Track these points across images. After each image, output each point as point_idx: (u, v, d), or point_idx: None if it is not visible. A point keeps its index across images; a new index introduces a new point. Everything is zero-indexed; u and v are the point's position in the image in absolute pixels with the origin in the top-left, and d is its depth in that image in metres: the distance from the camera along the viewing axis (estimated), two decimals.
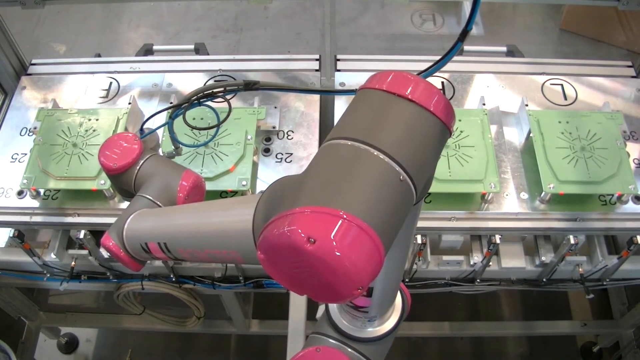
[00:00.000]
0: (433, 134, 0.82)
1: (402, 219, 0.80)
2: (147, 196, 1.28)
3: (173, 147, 1.47)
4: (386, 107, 0.81)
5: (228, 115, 1.36)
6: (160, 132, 1.47)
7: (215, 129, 1.51)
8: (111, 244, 1.24)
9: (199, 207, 1.16)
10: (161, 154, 1.46)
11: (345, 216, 0.70)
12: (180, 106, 1.28)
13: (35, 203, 1.81)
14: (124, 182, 1.35)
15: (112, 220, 1.78)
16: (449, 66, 2.14)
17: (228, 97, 1.31)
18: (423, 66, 2.09)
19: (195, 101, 1.26)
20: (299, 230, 0.70)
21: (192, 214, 1.13)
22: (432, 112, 0.80)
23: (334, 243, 0.68)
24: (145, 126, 1.38)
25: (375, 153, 0.76)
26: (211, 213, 1.07)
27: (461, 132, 1.81)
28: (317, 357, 1.13)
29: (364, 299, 1.05)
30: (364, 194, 0.74)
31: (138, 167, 1.32)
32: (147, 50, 2.39)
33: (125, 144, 1.34)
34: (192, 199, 1.32)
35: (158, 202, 1.26)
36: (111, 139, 1.36)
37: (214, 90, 1.25)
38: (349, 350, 1.16)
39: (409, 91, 0.80)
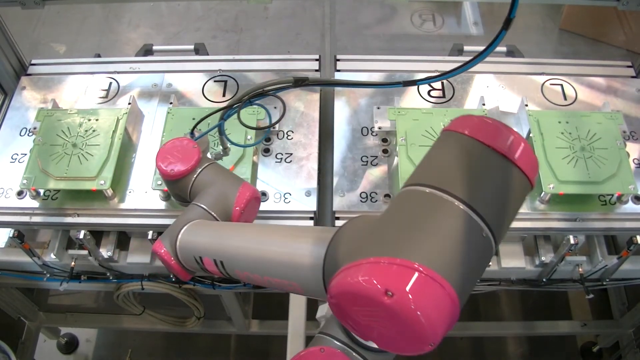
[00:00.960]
0: (517, 188, 0.80)
1: (481, 272, 0.78)
2: (203, 206, 1.27)
3: (221, 147, 1.46)
4: (471, 156, 0.78)
5: (284, 113, 1.40)
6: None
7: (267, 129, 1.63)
8: (163, 251, 1.24)
9: (263, 231, 1.13)
10: (209, 155, 1.46)
11: (422, 269, 0.68)
12: (233, 107, 1.29)
13: (35, 203, 1.81)
14: (180, 189, 1.35)
15: (112, 220, 1.80)
16: (448, 66, 2.13)
17: (279, 94, 1.31)
18: (422, 66, 2.10)
19: (247, 100, 1.27)
20: (375, 281, 0.69)
21: (256, 237, 1.10)
22: (518, 166, 0.78)
23: (410, 297, 0.67)
24: (196, 129, 1.39)
25: (457, 204, 0.73)
26: (278, 240, 1.04)
27: None
28: (320, 358, 1.12)
29: None
30: (444, 248, 0.71)
31: (195, 175, 1.32)
32: (147, 51, 2.39)
33: (184, 150, 1.34)
34: (247, 212, 1.31)
35: (213, 213, 1.25)
36: (170, 143, 1.36)
37: (265, 89, 1.26)
38: (354, 354, 1.15)
39: (497, 141, 0.78)
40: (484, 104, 1.91)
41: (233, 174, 1.36)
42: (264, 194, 1.80)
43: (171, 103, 1.94)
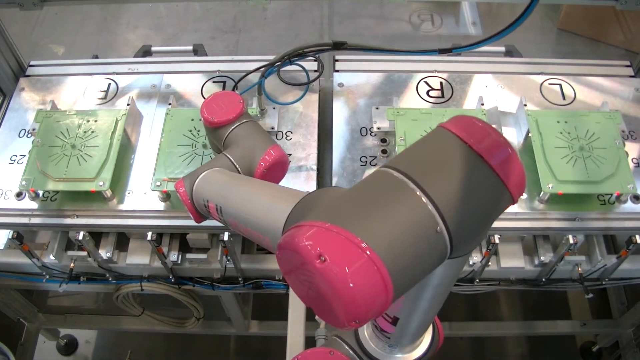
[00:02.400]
0: (492, 196, 0.77)
1: (426, 270, 0.76)
2: (230, 157, 1.33)
3: (258, 109, 1.51)
4: (448, 151, 0.77)
5: (320, 74, 1.48)
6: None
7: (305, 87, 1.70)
8: (182, 190, 1.31)
9: (257, 186, 1.20)
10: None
11: (363, 246, 0.68)
12: (274, 65, 1.34)
13: (34, 204, 1.81)
14: (216, 137, 1.42)
15: (111, 221, 1.80)
16: (447, 66, 2.15)
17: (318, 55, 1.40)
18: (421, 66, 2.09)
19: (287, 60, 1.33)
20: (315, 244, 0.69)
21: (249, 189, 1.17)
22: (497, 174, 0.76)
23: (343, 269, 0.67)
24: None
25: (419, 194, 0.72)
26: (261, 196, 1.11)
27: None
28: (328, 359, 1.13)
29: (387, 323, 1.02)
30: (392, 233, 0.70)
31: (232, 127, 1.38)
32: (146, 52, 2.39)
33: (229, 102, 1.41)
34: (272, 173, 1.36)
35: (237, 166, 1.32)
36: (219, 94, 1.45)
37: (305, 50, 1.32)
38: None
39: (480, 143, 0.76)
40: (482, 104, 1.91)
41: (268, 136, 1.40)
42: None
43: (170, 104, 1.94)
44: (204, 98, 2.04)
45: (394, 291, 0.69)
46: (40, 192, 1.81)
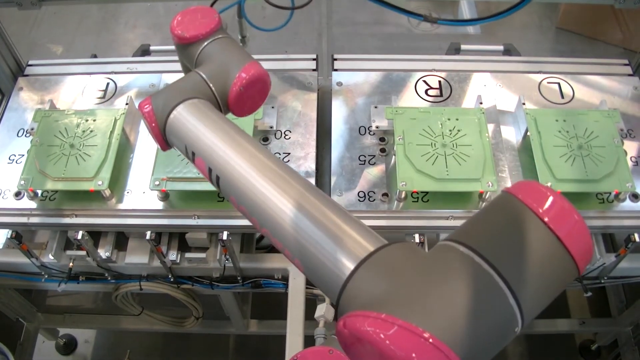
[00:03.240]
0: (560, 269, 0.74)
1: (496, 350, 0.72)
2: (201, 74, 1.17)
3: (239, 36, 1.35)
4: (516, 223, 0.74)
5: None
6: None
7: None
8: (148, 109, 1.12)
9: (294, 185, 0.92)
10: None
11: (431, 340, 0.65)
12: None
13: (33, 204, 1.81)
14: (187, 57, 1.27)
15: (110, 220, 1.80)
16: (446, 65, 2.15)
17: None
18: (419, 65, 2.09)
19: None
20: (387, 342, 0.66)
21: (282, 185, 0.92)
22: (572, 256, 0.72)
23: None
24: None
25: (496, 278, 0.69)
26: (307, 213, 0.87)
27: (458, 131, 1.81)
28: (327, 358, 1.11)
29: None
30: (464, 318, 0.68)
31: (205, 43, 1.22)
32: (144, 51, 2.38)
33: (203, 16, 1.26)
34: (250, 95, 1.19)
35: (211, 85, 1.15)
36: (191, 8, 1.29)
37: None
38: None
39: (548, 213, 0.74)
40: (481, 103, 1.91)
41: (245, 52, 1.22)
42: None
43: None
44: None
45: None
46: (39, 192, 1.81)
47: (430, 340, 0.65)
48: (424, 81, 2.08)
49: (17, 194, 1.82)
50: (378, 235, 0.83)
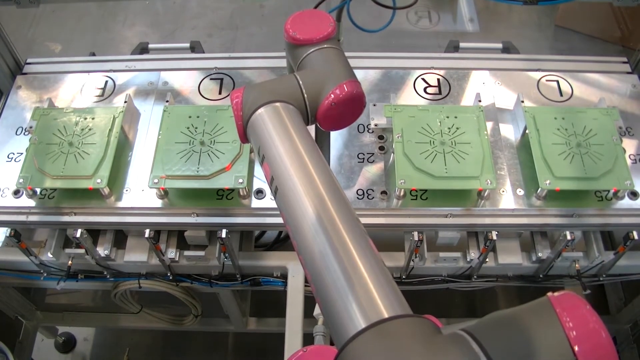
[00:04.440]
0: None
1: None
2: (299, 78, 1.16)
3: (337, 37, 1.37)
4: (548, 351, 0.70)
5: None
6: None
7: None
8: (237, 100, 1.13)
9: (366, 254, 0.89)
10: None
11: None
12: None
13: (32, 202, 1.81)
14: (293, 57, 1.26)
15: (108, 219, 1.80)
16: (445, 63, 2.15)
17: None
18: (418, 63, 2.08)
19: None
20: None
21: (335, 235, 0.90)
22: None
23: None
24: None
25: None
26: (341, 273, 0.86)
27: (457, 129, 1.81)
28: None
29: None
30: None
31: (313, 49, 1.21)
32: (143, 49, 2.38)
33: (319, 22, 1.25)
34: (341, 112, 1.17)
35: (304, 91, 1.14)
36: (309, 11, 1.29)
37: None
38: None
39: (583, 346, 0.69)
40: (480, 101, 1.91)
41: (349, 68, 1.21)
42: (260, 191, 1.80)
43: (167, 101, 1.93)
44: (202, 95, 2.04)
45: None
46: (38, 190, 1.81)
47: None
48: (423, 79, 2.08)
49: (16, 192, 1.82)
50: (402, 299, 0.83)
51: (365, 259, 0.87)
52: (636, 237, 1.72)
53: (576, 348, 0.67)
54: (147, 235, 1.75)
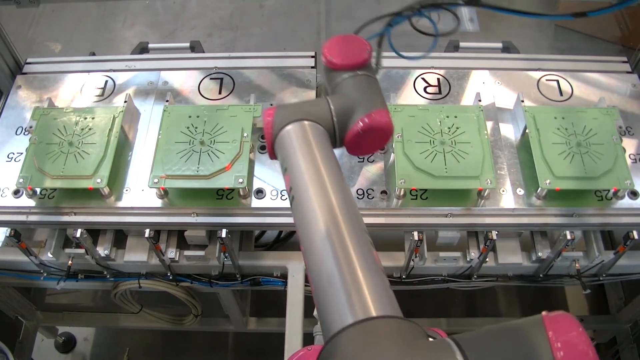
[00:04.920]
0: None
1: None
2: (330, 103, 1.18)
3: (375, 62, 1.40)
4: None
5: (457, 27, 1.30)
6: None
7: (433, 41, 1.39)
8: (269, 119, 1.16)
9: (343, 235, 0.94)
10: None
11: None
12: (401, 13, 1.20)
13: (32, 202, 1.81)
14: (328, 80, 1.27)
15: (108, 218, 1.80)
16: (445, 62, 2.15)
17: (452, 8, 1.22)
18: (419, 63, 2.07)
19: (417, 10, 1.20)
20: None
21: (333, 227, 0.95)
22: None
23: None
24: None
25: None
26: (337, 272, 0.89)
27: (457, 128, 1.81)
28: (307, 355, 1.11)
29: None
30: None
31: (347, 75, 1.23)
32: (143, 49, 2.38)
33: (356, 48, 1.27)
34: (367, 139, 1.19)
35: (334, 116, 1.16)
36: (349, 36, 1.30)
37: (439, 1, 1.19)
38: None
39: None
40: (480, 100, 1.91)
41: (382, 97, 1.24)
42: (260, 191, 1.80)
43: (167, 101, 1.93)
44: (202, 95, 2.04)
45: None
46: (38, 190, 1.81)
47: None
48: (423, 78, 2.08)
49: (16, 192, 1.82)
50: (394, 303, 0.84)
51: (364, 262, 0.88)
52: (636, 236, 1.72)
53: None
54: (147, 235, 1.75)
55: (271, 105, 1.95)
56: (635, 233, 1.72)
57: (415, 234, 1.73)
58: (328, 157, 1.08)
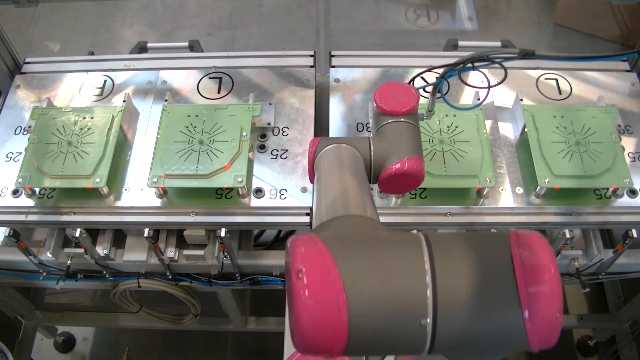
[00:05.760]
0: (505, 331, 0.70)
1: (393, 349, 0.75)
2: (371, 142, 1.27)
3: (426, 109, 1.46)
4: (487, 251, 0.73)
5: (504, 79, 1.38)
6: None
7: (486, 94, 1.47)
8: (312, 149, 1.27)
9: (342, 178, 1.16)
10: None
11: (339, 285, 0.69)
12: (455, 67, 1.27)
13: (31, 202, 1.81)
14: (375, 121, 1.35)
15: (108, 218, 1.80)
16: (443, 61, 2.14)
17: (505, 64, 1.29)
18: (417, 62, 2.08)
19: (471, 65, 1.26)
20: (298, 260, 0.71)
21: (336, 177, 1.16)
22: (521, 310, 0.69)
23: (307, 297, 0.68)
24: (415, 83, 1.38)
25: (426, 267, 0.71)
26: (332, 185, 1.11)
27: (456, 127, 1.81)
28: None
29: None
30: (375, 289, 0.70)
31: (391, 120, 1.31)
32: (142, 48, 2.38)
33: (404, 96, 1.34)
34: (398, 183, 1.28)
35: (373, 155, 1.25)
36: (400, 85, 1.37)
37: (490, 56, 1.24)
38: None
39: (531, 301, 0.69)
40: (478, 99, 1.91)
41: (420, 146, 1.32)
42: (259, 190, 1.80)
43: (166, 100, 1.93)
44: (200, 94, 2.04)
45: (346, 343, 0.69)
46: (37, 190, 1.81)
47: (341, 292, 0.68)
48: (422, 78, 2.08)
49: (15, 192, 1.82)
50: (372, 209, 1.00)
51: (358, 184, 1.09)
52: (635, 235, 1.72)
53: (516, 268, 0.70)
54: (146, 234, 1.75)
55: (270, 104, 1.97)
56: (634, 231, 1.72)
57: (415, 232, 1.73)
58: (358, 169, 1.19)
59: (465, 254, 0.72)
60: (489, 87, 1.33)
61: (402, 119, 1.31)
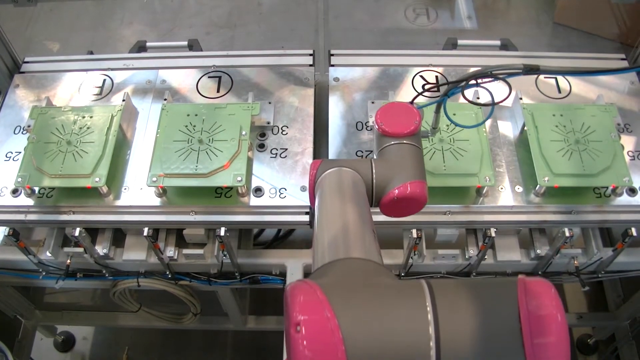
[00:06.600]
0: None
1: None
2: (373, 164, 1.24)
3: (430, 126, 1.44)
4: (495, 308, 0.73)
5: (508, 95, 1.34)
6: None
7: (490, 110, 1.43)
8: (313, 172, 1.25)
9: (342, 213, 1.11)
10: None
11: (339, 338, 0.68)
12: (458, 84, 1.23)
13: (30, 201, 1.81)
14: (377, 141, 1.33)
15: (107, 217, 1.80)
16: (443, 60, 2.15)
17: (509, 79, 1.25)
18: (416, 60, 2.08)
19: (475, 82, 1.21)
20: (297, 309, 0.71)
21: (334, 212, 1.11)
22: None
23: (304, 346, 0.68)
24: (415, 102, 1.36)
25: (428, 309, 0.71)
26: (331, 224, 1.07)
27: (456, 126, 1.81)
28: None
29: None
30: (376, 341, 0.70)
31: (393, 142, 1.28)
32: (141, 47, 2.38)
33: (405, 118, 1.31)
34: (400, 207, 1.26)
35: (374, 177, 1.23)
36: (401, 105, 1.34)
37: (494, 72, 1.19)
38: None
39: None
40: (478, 97, 1.91)
41: (422, 168, 1.28)
42: (259, 189, 1.80)
43: (165, 99, 1.93)
44: (200, 93, 2.04)
45: None
46: (36, 189, 1.81)
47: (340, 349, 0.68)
48: (421, 76, 2.08)
49: (15, 191, 1.82)
50: (374, 250, 0.97)
51: (359, 218, 1.06)
52: (634, 233, 1.73)
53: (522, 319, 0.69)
54: (145, 233, 1.75)
55: (269, 103, 1.97)
56: (633, 230, 1.73)
57: (414, 231, 1.73)
58: (359, 195, 1.16)
59: (470, 303, 0.71)
60: (493, 104, 1.30)
61: (404, 141, 1.29)
